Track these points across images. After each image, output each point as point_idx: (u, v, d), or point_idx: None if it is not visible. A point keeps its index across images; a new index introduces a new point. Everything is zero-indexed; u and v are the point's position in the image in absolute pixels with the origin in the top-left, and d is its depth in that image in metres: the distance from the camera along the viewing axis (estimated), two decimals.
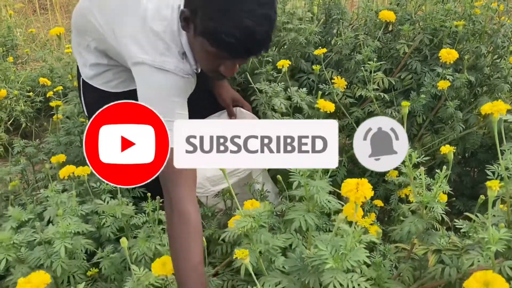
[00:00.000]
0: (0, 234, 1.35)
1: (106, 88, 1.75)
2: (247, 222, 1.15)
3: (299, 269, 1.14)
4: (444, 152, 1.26)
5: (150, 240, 1.48)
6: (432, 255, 1.17)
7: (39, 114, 3.46)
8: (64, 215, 1.43)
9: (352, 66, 2.19)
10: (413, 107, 2.04)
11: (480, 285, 0.80)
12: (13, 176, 2.09)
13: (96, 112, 1.84)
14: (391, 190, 2.05)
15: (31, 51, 4.64)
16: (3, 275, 1.50)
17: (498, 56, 2.29)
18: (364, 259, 1.03)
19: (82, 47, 1.76)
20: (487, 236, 0.94)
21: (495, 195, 0.93)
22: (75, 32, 1.78)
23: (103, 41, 1.62)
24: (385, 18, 2.07)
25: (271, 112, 1.98)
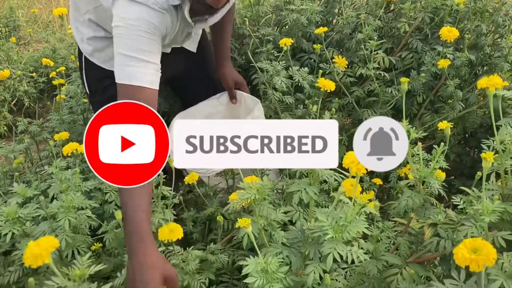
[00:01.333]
0: (6, 208, 1.37)
1: (107, 67, 1.76)
2: (251, 194, 1.17)
3: (300, 241, 1.16)
4: (442, 127, 1.27)
5: (154, 215, 1.50)
6: (428, 228, 1.19)
7: (42, 94, 3.47)
8: (68, 191, 1.46)
9: (353, 45, 2.20)
10: (413, 86, 2.05)
11: (469, 251, 0.82)
12: (17, 154, 2.11)
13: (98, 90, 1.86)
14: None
15: (33, 32, 4.64)
16: (9, 250, 1.53)
17: (499, 35, 2.29)
18: (363, 230, 1.05)
19: (79, 22, 1.77)
20: (481, 208, 0.96)
21: (490, 166, 0.95)
22: (72, 6, 1.79)
23: (98, 9, 1.63)
24: None
25: (272, 91, 1.99)
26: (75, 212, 1.39)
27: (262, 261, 1.03)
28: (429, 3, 2.16)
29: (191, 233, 1.72)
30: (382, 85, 2.13)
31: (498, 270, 0.92)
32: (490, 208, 0.95)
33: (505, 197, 1.10)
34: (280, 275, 1.04)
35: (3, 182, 1.97)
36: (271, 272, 1.03)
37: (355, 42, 2.18)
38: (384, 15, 2.25)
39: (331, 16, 2.48)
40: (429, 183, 1.24)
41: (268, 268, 1.02)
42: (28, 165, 2.43)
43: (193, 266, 1.39)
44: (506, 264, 0.92)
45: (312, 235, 1.09)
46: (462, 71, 2.10)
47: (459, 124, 2.21)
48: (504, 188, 1.10)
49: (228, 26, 1.98)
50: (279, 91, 2.00)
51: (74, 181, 1.56)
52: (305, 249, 1.12)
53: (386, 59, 2.11)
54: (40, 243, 0.99)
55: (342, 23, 2.28)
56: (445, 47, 1.97)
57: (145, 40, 1.43)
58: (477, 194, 1.12)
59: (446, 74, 2.03)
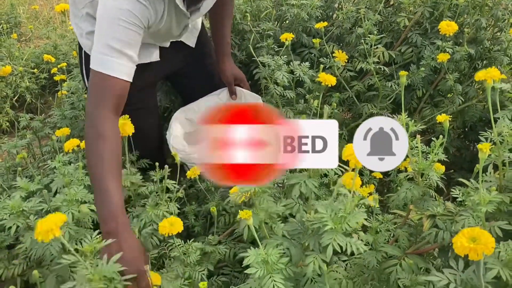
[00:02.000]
0: (10, 202, 1.39)
1: None
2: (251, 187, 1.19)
3: (300, 233, 1.18)
4: (440, 120, 1.29)
5: (158, 208, 1.52)
6: (426, 220, 1.20)
7: (44, 90, 3.49)
8: (71, 185, 1.47)
9: (353, 40, 2.21)
10: (413, 80, 2.06)
11: (468, 240, 0.83)
12: (19, 150, 2.13)
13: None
14: None
15: (34, 28, 4.65)
16: (13, 243, 1.55)
17: (498, 29, 2.29)
18: (362, 221, 1.06)
19: (78, 17, 1.79)
20: (478, 198, 0.97)
21: (486, 157, 0.96)
22: (71, 2, 1.81)
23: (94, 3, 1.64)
24: None
25: (273, 85, 2.01)
26: (78, 206, 1.41)
27: (262, 253, 1.04)
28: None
29: (193, 226, 1.73)
30: (382, 79, 2.14)
31: (495, 259, 0.93)
32: (487, 199, 0.96)
33: (502, 188, 1.11)
34: (281, 266, 1.05)
35: (7, 177, 1.99)
36: (271, 263, 1.04)
37: (355, 36, 2.19)
38: (384, 10, 2.26)
39: (331, 11, 2.48)
40: (428, 175, 1.25)
41: (268, 259, 1.04)
42: (30, 160, 2.44)
43: (194, 258, 1.40)
44: (503, 253, 0.94)
45: (312, 226, 1.10)
46: (461, 65, 2.11)
47: (459, 118, 2.22)
48: (501, 179, 1.11)
49: (227, 21, 1.99)
50: (280, 85, 2.01)
51: (76, 175, 1.57)
52: (305, 240, 1.13)
53: (386, 53, 2.12)
54: (49, 218, 1.01)
55: (342, 17, 2.29)
56: (444, 41, 1.98)
57: (123, 29, 1.44)
58: (475, 186, 1.13)
59: (446, 68, 2.04)
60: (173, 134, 1.93)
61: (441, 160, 1.28)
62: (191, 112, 2.06)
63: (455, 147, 2.32)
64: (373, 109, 2.08)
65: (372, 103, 2.13)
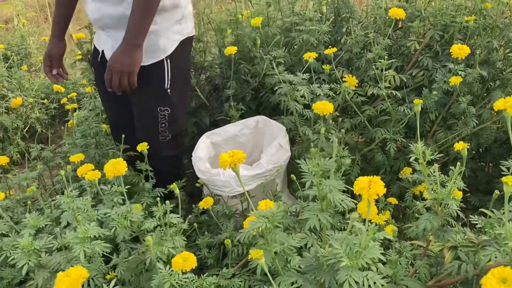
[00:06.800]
0: (21, 241, 1.37)
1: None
2: (262, 223, 1.16)
3: (315, 268, 1.14)
4: (458, 148, 1.25)
5: (163, 244, 1.49)
6: (448, 251, 1.16)
7: (54, 120, 3.51)
8: (82, 221, 1.45)
9: (363, 65, 2.19)
10: (426, 104, 2.03)
11: (498, 280, 0.80)
12: (30, 182, 2.12)
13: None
14: (406, 187, 2.04)
15: None
16: (23, 279, 1.53)
17: (510, 50, 2.27)
18: (378, 256, 1.03)
19: None
20: (504, 232, 0.94)
21: (511, 190, 0.93)
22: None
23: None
24: (395, 15, 2.06)
25: (293, 102, 1.97)
26: (89, 243, 1.38)
27: None
28: (438, 21, 2.15)
29: (205, 257, 1.70)
30: (394, 103, 2.12)
31: None
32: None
33: None
34: None
35: (17, 210, 1.98)
36: None
37: (364, 61, 2.17)
38: (393, 34, 2.25)
39: (340, 35, 2.48)
40: (446, 204, 1.22)
41: None
42: (41, 192, 2.44)
43: None
44: None
45: (327, 262, 1.07)
46: (474, 87, 2.08)
47: (473, 140, 2.17)
48: None
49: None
50: (300, 103, 1.99)
51: (86, 209, 1.56)
52: (320, 276, 1.10)
53: (397, 77, 2.10)
54: (69, 273, 1.01)
55: (351, 42, 2.28)
56: (456, 64, 1.95)
57: None
58: (498, 216, 1.09)
59: (458, 91, 2.01)
60: (198, 157, 2.02)
61: (459, 187, 1.25)
62: (216, 136, 2.18)
63: (470, 169, 2.28)
64: (386, 134, 2.05)
65: (384, 128, 2.10)
